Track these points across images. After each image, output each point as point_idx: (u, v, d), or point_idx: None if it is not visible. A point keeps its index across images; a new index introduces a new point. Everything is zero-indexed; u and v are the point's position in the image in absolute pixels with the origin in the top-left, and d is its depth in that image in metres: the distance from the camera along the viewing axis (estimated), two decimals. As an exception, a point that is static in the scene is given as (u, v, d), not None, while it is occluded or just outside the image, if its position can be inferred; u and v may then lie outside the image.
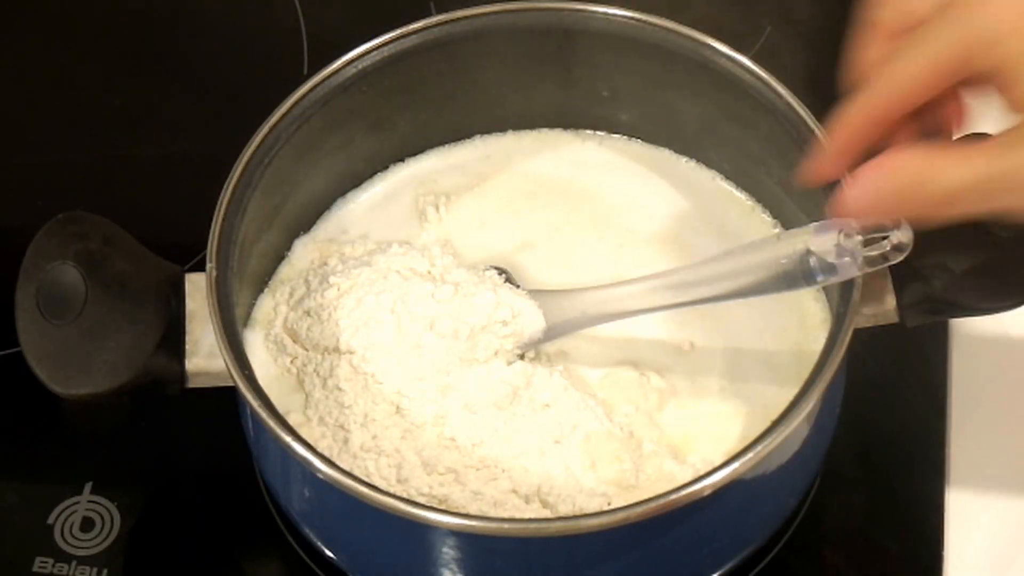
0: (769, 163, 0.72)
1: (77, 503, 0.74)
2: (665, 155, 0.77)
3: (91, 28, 0.93)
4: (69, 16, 0.93)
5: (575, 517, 0.59)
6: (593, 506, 0.64)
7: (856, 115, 0.58)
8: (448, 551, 0.62)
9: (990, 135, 0.55)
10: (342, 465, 0.61)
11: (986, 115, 0.57)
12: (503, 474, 0.65)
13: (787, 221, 0.73)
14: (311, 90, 0.70)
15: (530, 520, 0.62)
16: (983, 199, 0.54)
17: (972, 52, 0.54)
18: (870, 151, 0.58)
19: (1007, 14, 0.54)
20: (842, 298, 0.63)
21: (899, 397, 0.76)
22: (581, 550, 0.62)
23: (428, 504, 0.63)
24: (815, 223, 0.61)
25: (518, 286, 0.70)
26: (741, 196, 0.75)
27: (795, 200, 0.71)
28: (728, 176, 0.76)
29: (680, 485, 0.59)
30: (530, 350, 0.68)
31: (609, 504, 0.64)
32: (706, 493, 0.59)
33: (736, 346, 0.70)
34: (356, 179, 0.76)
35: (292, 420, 0.65)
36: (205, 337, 0.65)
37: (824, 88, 0.63)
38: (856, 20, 0.59)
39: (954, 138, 0.59)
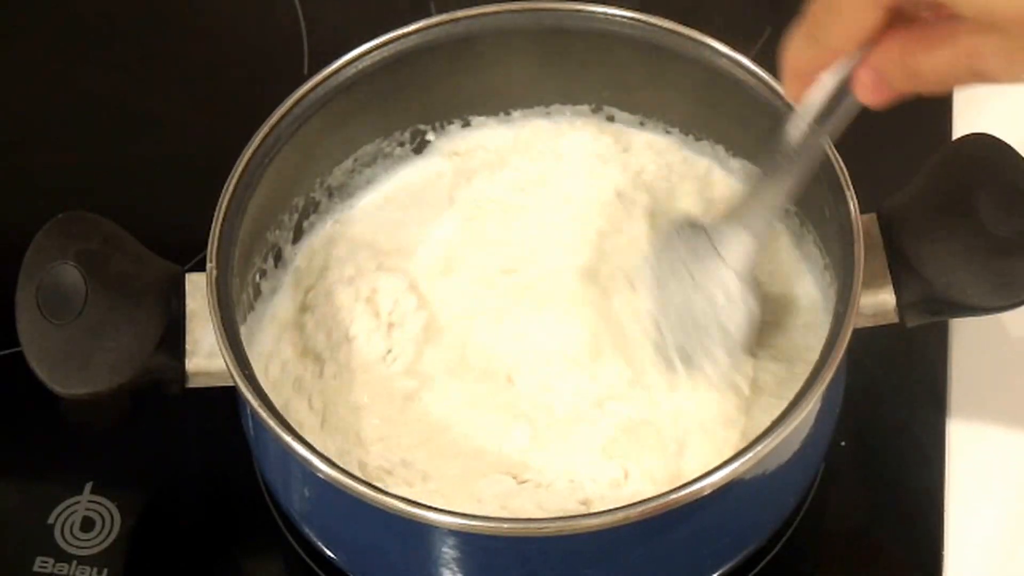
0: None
1: (77, 503, 0.74)
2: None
3: (91, 28, 0.93)
4: (69, 16, 0.93)
5: (575, 517, 0.59)
6: None
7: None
8: (448, 551, 0.62)
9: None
10: None
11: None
12: None
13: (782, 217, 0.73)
14: (311, 90, 0.70)
15: (530, 520, 0.62)
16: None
17: None
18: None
19: None
20: (842, 298, 0.63)
21: (899, 397, 0.76)
22: (581, 550, 0.62)
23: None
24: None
25: None
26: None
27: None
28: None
29: (680, 485, 0.59)
30: None
31: None
32: (706, 493, 0.59)
33: None
34: (356, 179, 0.76)
35: None
36: (205, 337, 0.65)
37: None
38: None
39: None
